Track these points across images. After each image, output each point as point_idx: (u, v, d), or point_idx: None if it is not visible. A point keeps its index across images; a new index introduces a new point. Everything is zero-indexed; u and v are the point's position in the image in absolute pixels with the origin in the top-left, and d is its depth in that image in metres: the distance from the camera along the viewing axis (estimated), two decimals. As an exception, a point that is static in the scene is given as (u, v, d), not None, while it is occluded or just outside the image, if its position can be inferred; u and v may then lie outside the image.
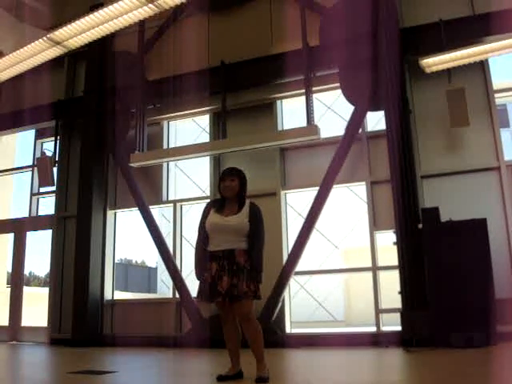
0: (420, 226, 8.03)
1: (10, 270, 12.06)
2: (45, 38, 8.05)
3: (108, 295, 10.53)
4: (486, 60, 8.62)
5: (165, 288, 20.56)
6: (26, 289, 11.97)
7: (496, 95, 8.66)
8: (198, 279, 4.78)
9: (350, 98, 9.15)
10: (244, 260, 4.60)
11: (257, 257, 4.65)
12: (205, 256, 4.74)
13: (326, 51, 9.22)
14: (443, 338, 7.24)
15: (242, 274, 4.55)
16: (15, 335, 11.21)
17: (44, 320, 10.92)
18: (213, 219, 4.75)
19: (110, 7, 7.47)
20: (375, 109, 9.02)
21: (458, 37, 8.46)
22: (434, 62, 8.36)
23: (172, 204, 10.57)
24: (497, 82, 8.85)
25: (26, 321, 11.34)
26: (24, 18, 11.04)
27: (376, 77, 8.78)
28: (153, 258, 26.15)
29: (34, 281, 25.64)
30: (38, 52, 8.44)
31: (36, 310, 11.64)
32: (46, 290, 11.65)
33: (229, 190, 4.79)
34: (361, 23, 8.91)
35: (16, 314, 11.33)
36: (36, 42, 8.16)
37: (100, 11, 7.59)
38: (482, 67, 8.68)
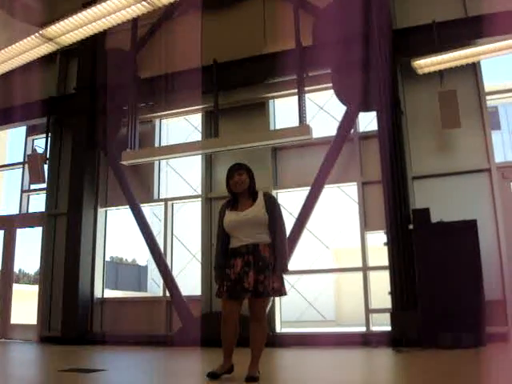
0: (411, 226, 8.06)
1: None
2: (37, 34, 8.01)
3: (98, 293, 10.49)
4: (478, 62, 8.66)
5: (155, 287, 20.53)
6: (15, 286, 11.91)
7: (487, 97, 8.71)
8: (218, 282, 4.74)
9: (342, 98, 9.17)
10: (269, 254, 4.58)
11: (280, 245, 4.63)
12: (225, 257, 4.71)
13: (318, 51, 9.23)
14: (432, 338, 7.28)
15: (267, 271, 4.52)
16: (4, 333, 11.15)
17: (33, 317, 10.88)
18: (230, 217, 4.72)
19: (103, 4, 7.44)
20: (367, 109, 9.04)
21: (450, 39, 8.50)
22: (426, 64, 8.38)
23: (163, 202, 10.56)
24: (488, 84, 8.89)
25: (15, 318, 11.29)
26: (16, 14, 10.98)
27: (368, 78, 8.81)
28: (143, 257, 26.09)
29: (24, 278, 25.53)
30: (29, 48, 8.40)
31: (25, 307, 11.59)
32: (35, 288, 11.59)
33: (239, 184, 4.76)
34: (354, 24, 8.93)
35: (5, 311, 11.27)
36: (28, 38, 8.12)
37: (93, 8, 7.57)
38: (473, 69, 8.72)
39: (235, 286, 4.55)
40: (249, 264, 4.55)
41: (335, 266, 16.07)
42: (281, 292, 4.63)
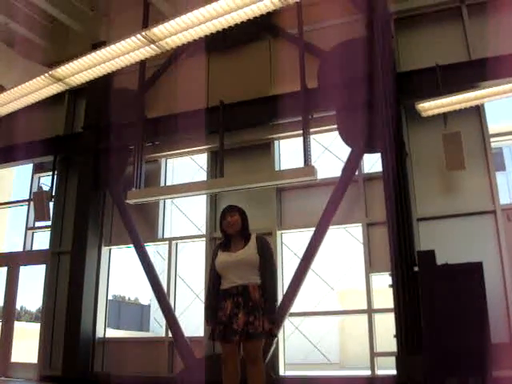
0: (416, 268, 8.00)
1: (1, 304, 11.93)
2: (46, 74, 8.11)
3: (100, 333, 10.38)
4: (482, 104, 8.72)
5: (158, 326, 20.36)
6: (16, 323, 11.81)
7: (492, 139, 8.74)
8: (208, 323, 4.72)
9: (346, 139, 9.23)
10: (259, 295, 4.56)
11: (270, 287, 4.61)
12: (217, 299, 4.70)
13: (323, 93, 9.33)
14: (438, 382, 7.15)
15: (257, 312, 4.50)
16: (5, 371, 11.01)
17: (34, 356, 10.76)
18: (221, 258, 4.75)
19: (112, 46, 7.55)
20: (372, 151, 9.09)
21: (453, 81, 8.58)
22: (430, 106, 8.44)
23: (167, 242, 10.54)
24: (492, 126, 8.93)
25: (16, 356, 11.16)
26: (26, 54, 11.18)
27: (373, 119, 8.87)
28: (146, 296, 25.96)
29: (25, 315, 25.38)
30: (39, 88, 8.49)
31: (26, 345, 11.48)
32: (36, 325, 11.51)
33: (231, 225, 4.80)
34: (358, 67, 9.04)
35: (6, 349, 11.16)
36: (38, 78, 8.22)
37: (102, 50, 7.68)
38: (477, 111, 8.78)
39: (226, 328, 4.53)
40: (238, 305, 4.54)
41: (340, 308, 15.91)
42: (271, 333, 4.60)
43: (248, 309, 4.50)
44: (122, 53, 7.60)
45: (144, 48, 7.46)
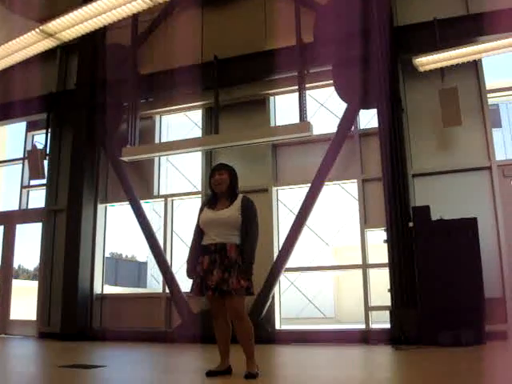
0: (411, 224, 8.05)
1: (-1, 263, 11.98)
2: (37, 29, 7.96)
3: (97, 289, 10.48)
4: (480, 60, 8.64)
5: (154, 283, 20.54)
6: (14, 282, 11.90)
7: (488, 95, 8.69)
8: (188, 276, 4.79)
9: (342, 95, 9.16)
10: (236, 255, 4.60)
11: (248, 248, 4.65)
12: (197, 253, 4.75)
13: (319, 48, 9.22)
14: (432, 336, 7.27)
15: (233, 269, 4.55)
16: (4, 328, 11.14)
17: (33, 313, 10.88)
18: (205, 215, 4.79)
19: (104, 0, 7.41)
20: (368, 107, 9.03)
21: (451, 36, 8.49)
22: (427, 61, 8.36)
23: (163, 199, 10.54)
24: (489, 82, 8.87)
25: (15, 314, 11.28)
26: (16, 9, 10.95)
27: (369, 75, 8.80)
28: (143, 253, 26.09)
29: (23, 274, 25.53)
30: (30, 44, 8.34)
31: (25, 303, 11.58)
32: (34, 284, 11.59)
33: (219, 183, 4.82)
34: (354, 21, 8.92)
35: (5, 307, 11.27)
36: (28, 33, 8.07)
37: (93, 4, 7.51)
38: (475, 67, 8.71)
39: (201, 283, 4.59)
40: (214, 262, 4.60)
41: (335, 263, 16.04)
42: (249, 291, 4.63)
43: (224, 266, 4.56)
44: (114, 6, 7.45)
45: (136, 1, 7.32)
